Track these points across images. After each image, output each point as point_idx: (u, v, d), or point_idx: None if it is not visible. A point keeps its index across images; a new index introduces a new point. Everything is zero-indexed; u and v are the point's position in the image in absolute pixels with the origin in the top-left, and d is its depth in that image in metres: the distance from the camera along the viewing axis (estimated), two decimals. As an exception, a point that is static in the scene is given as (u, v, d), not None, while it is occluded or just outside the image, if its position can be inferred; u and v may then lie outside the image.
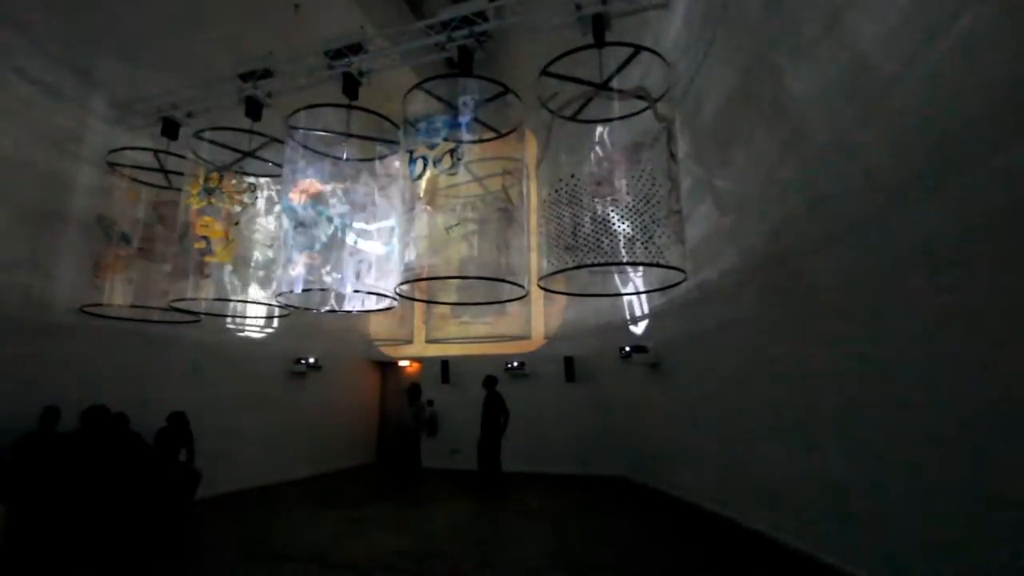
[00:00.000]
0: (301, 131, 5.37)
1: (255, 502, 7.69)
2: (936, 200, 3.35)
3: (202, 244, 5.63)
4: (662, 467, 8.34)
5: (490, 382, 8.92)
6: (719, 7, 5.36)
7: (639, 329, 8.91)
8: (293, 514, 6.99)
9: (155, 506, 6.05)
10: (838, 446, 4.44)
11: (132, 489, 5.83)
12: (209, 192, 5.72)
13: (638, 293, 8.14)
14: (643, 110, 4.51)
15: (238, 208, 5.85)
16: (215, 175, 5.81)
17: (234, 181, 5.90)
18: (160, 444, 6.52)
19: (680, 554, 5.30)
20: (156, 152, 6.42)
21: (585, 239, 4.11)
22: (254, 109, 6.04)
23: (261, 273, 5.88)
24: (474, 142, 4.99)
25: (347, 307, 5.97)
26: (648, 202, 4.12)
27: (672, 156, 4.32)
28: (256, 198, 5.96)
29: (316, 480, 9.63)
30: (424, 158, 4.81)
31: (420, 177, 4.84)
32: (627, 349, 8.43)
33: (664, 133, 4.38)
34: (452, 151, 4.78)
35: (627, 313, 9.33)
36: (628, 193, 4.15)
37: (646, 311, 8.64)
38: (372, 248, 5.23)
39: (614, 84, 4.59)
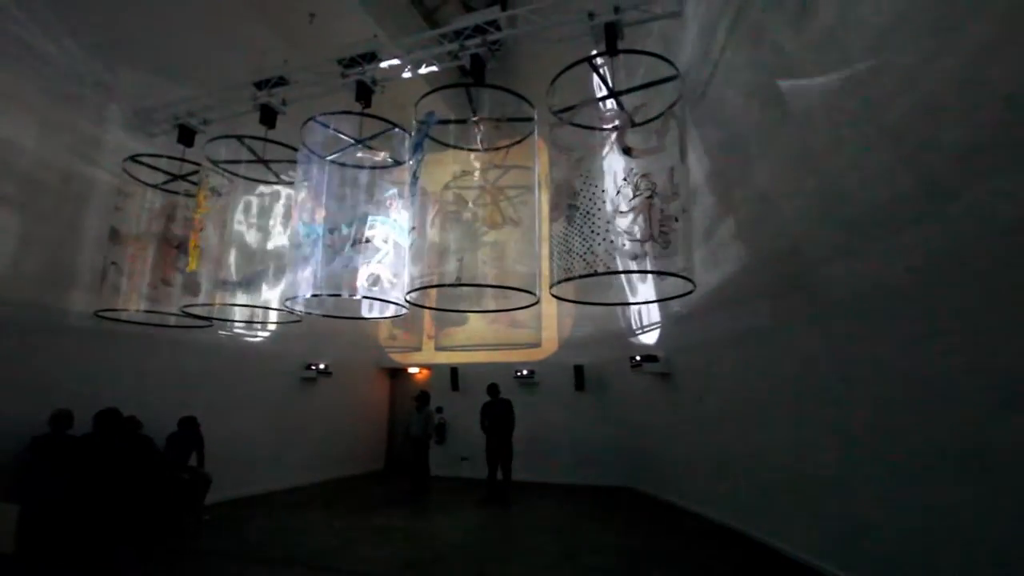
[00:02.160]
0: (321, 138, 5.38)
1: (264, 507, 7.70)
2: (947, 212, 3.30)
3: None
4: (671, 478, 8.24)
5: (492, 390, 8.94)
6: (731, 15, 5.34)
7: (650, 338, 8.84)
8: (300, 520, 7.00)
9: (165, 510, 6.08)
10: (851, 458, 4.36)
11: (142, 493, 5.86)
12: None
13: (648, 303, 8.08)
14: (636, 125, 4.47)
15: (202, 213, 5.94)
16: (198, 189, 5.95)
17: (207, 188, 5.98)
18: (171, 448, 6.57)
19: (686, 567, 5.22)
20: (152, 158, 6.48)
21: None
22: (269, 116, 6.11)
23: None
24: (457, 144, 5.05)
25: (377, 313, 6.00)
26: (591, 214, 4.10)
27: (628, 151, 4.24)
28: (218, 199, 5.99)
29: (324, 486, 9.64)
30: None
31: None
32: (637, 358, 8.37)
33: (616, 133, 4.32)
34: (414, 172, 4.92)
35: (637, 322, 9.27)
36: (569, 210, 4.14)
37: (657, 320, 8.58)
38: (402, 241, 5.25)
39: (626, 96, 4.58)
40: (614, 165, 4.32)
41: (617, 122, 4.35)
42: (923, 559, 3.65)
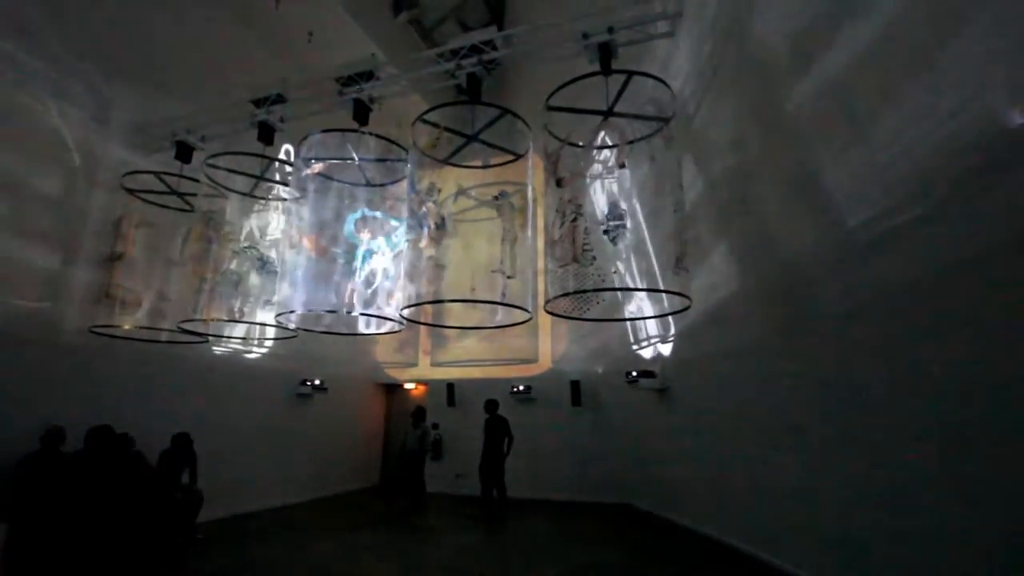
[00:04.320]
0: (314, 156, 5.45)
1: (256, 525, 7.60)
2: (945, 225, 3.33)
3: None
4: (669, 494, 8.18)
5: (491, 406, 8.88)
6: (724, 35, 5.43)
7: (646, 354, 8.84)
8: (294, 538, 6.90)
9: (157, 528, 5.99)
10: (852, 474, 4.34)
11: (134, 510, 5.78)
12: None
13: (644, 319, 8.09)
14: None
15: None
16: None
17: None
18: (163, 465, 6.50)
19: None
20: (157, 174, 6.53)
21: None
22: (267, 134, 6.15)
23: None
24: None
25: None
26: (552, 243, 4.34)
27: (559, 183, 4.45)
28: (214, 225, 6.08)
29: (319, 503, 9.54)
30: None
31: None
32: (634, 374, 8.35)
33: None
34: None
35: (634, 338, 9.26)
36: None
37: (653, 336, 8.58)
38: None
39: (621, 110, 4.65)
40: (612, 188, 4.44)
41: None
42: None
